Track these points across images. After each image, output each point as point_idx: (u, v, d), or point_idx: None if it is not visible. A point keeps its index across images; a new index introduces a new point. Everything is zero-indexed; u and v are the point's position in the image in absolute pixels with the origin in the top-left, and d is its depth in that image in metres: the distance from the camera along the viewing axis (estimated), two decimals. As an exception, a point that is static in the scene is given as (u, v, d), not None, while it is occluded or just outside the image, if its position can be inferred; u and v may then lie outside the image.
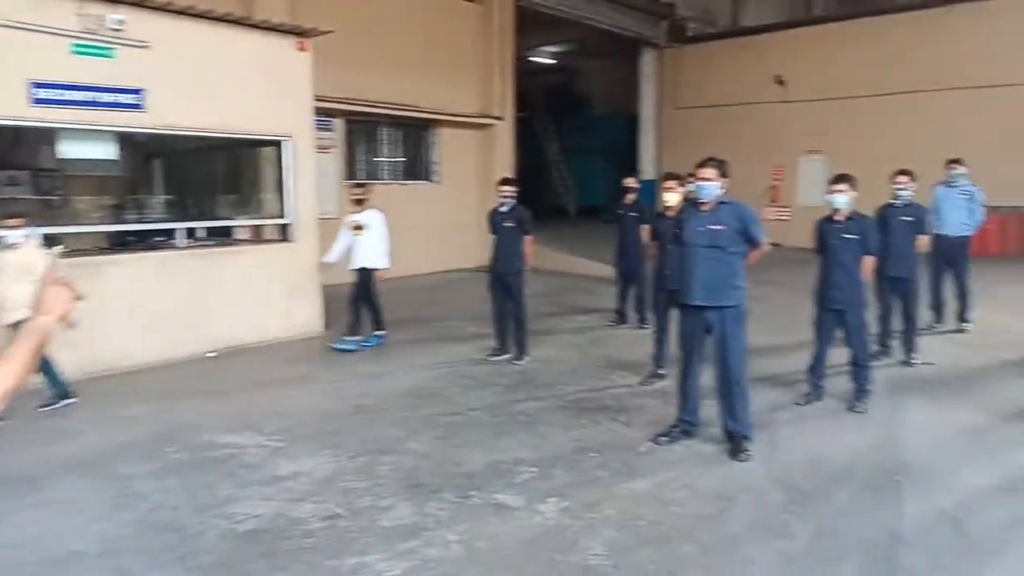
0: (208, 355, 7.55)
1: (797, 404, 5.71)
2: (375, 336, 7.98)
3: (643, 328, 8.22)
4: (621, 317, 8.95)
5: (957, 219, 8.04)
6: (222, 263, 8.02)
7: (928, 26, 15.29)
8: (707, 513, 3.90)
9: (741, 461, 4.57)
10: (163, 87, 7.16)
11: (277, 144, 8.39)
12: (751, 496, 4.10)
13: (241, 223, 9.17)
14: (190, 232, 8.11)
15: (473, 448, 4.92)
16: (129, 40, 6.90)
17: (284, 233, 8.60)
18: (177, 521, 3.93)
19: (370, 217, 7.83)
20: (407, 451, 4.89)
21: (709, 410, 4.97)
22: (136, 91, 7.00)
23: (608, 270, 9.48)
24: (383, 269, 7.91)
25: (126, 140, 7.65)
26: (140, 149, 8.63)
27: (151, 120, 7.14)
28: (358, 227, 7.81)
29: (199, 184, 9.69)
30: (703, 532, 3.69)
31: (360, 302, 7.90)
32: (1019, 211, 14.21)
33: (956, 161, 8.22)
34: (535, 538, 3.68)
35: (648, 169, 18.84)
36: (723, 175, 4.68)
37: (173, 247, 7.70)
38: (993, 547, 3.50)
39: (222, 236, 8.86)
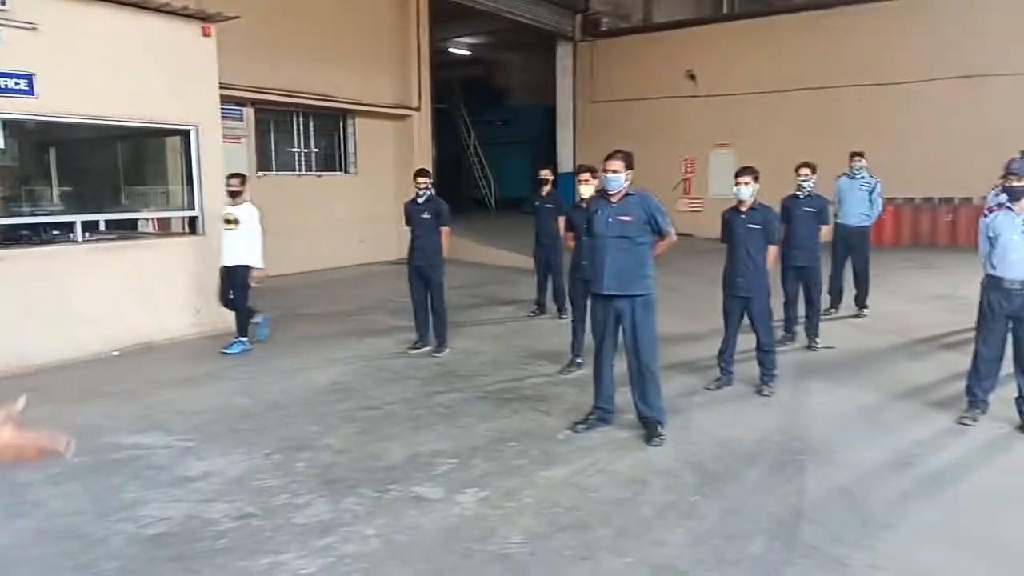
0: (112, 354, 7.22)
1: (708, 389, 5.91)
2: (239, 342, 7.38)
3: (562, 318, 8.33)
4: (540, 307, 9.04)
5: (858, 209, 8.45)
6: (125, 258, 7.66)
7: (828, 25, 15.99)
8: (622, 497, 4.00)
9: (655, 446, 4.69)
10: (55, 72, 6.78)
11: (182, 133, 8.06)
12: (664, 479, 4.22)
13: (145, 216, 8.79)
14: (90, 225, 7.71)
15: (392, 442, 4.88)
16: (15, 22, 6.49)
17: (192, 226, 8.28)
18: (79, 527, 3.75)
19: (244, 211, 7.27)
20: (324, 447, 4.81)
21: (625, 397, 5.08)
22: (24, 76, 6.60)
23: (528, 261, 9.56)
24: (257, 269, 7.31)
25: (15, 127, 7.20)
26: (32, 137, 8.13)
27: (41, 106, 6.75)
28: (230, 221, 7.27)
29: (100, 175, 9.22)
30: (618, 516, 3.78)
31: (228, 301, 7.43)
32: (912, 203, 15.10)
33: (858, 154, 8.64)
34: (454, 529, 3.69)
35: (566, 161, 19.06)
36: (629, 167, 4.79)
37: (72, 241, 7.30)
38: (886, 520, 3.71)
39: (126, 229, 8.46)
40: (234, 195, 7.31)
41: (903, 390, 5.85)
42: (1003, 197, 5.04)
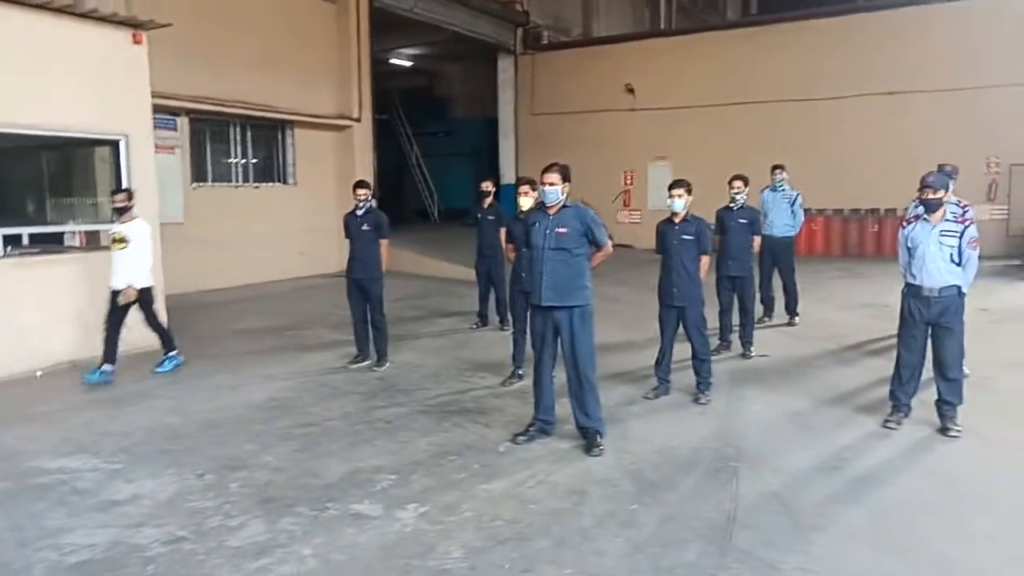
0: (36, 374, 6.92)
1: (646, 398, 6.00)
2: (169, 358, 7.07)
3: (504, 330, 8.35)
4: (483, 319, 9.04)
5: (782, 220, 8.73)
6: (50, 273, 7.36)
7: (762, 42, 16.52)
8: (562, 508, 4.02)
9: (594, 456, 4.74)
10: (-27, 79, 6.51)
11: (111, 143, 7.81)
12: (603, 489, 4.26)
13: (72, 229, 8.46)
14: (13, 239, 7.38)
15: (330, 459, 4.81)
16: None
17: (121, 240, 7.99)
18: (-4, 557, 3.57)
19: (133, 229, 6.74)
20: (260, 466, 4.70)
21: (565, 407, 5.11)
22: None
23: (470, 273, 9.56)
24: (145, 288, 6.79)
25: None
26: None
27: (-42, 115, 6.46)
28: (118, 240, 6.74)
29: (24, 186, 8.84)
30: (557, 527, 3.79)
31: (113, 326, 6.78)
32: (841, 214, 15.66)
33: (779, 167, 8.92)
34: (392, 546, 3.64)
35: (509, 173, 19.15)
36: (566, 179, 4.87)
37: (-9, 255, 6.99)
38: (816, 524, 3.82)
39: (50, 243, 8.12)
40: (121, 212, 6.79)
41: (833, 396, 6.05)
42: (921, 209, 5.28)
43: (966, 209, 6.35)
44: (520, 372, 6.55)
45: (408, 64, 22.14)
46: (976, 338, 7.79)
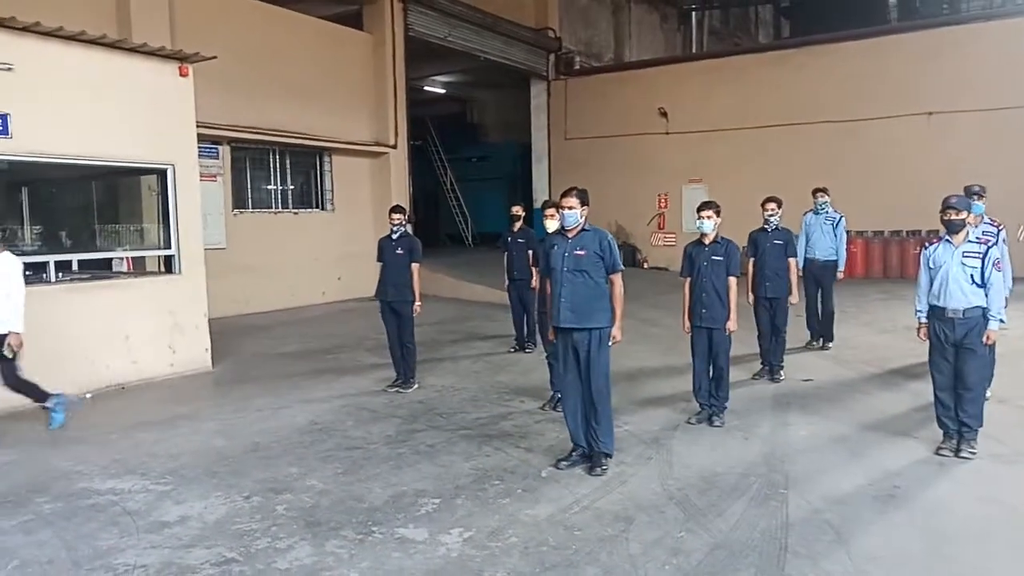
0: (85, 397, 7.07)
1: (689, 423, 5.93)
2: (53, 409, 6.08)
3: (528, 351, 8.43)
4: (520, 343, 9.04)
5: (824, 244, 8.63)
6: (99, 298, 7.55)
7: (794, 64, 16.48)
8: (608, 535, 3.98)
9: (596, 475, 4.78)
10: (30, 112, 6.76)
11: (159, 172, 8.03)
12: (649, 515, 4.21)
13: (120, 255, 8.69)
14: (64, 265, 7.60)
15: (373, 482, 4.82)
16: (-8, 62, 6.48)
17: (168, 265, 8.20)
18: (51, 578, 3.64)
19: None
20: (305, 488, 4.73)
21: (618, 431, 5.06)
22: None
23: (505, 296, 9.58)
24: (15, 334, 5.73)
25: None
26: (4, 176, 8.04)
27: (16, 147, 6.71)
28: None
29: (74, 214, 9.13)
30: (604, 554, 3.75)
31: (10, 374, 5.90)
32: (881, 236, 15.42)
33: (821, 190, 8.84)
34: (439, 570, 3.63)
35: (542, 197, 19.22)
36: (584, 203, 4.93)
37: (45, 282, 7.19)
38: (871, 552, 3.73)
39: (100, 269, 8.35)
40: None
41: (878, 420, 5.93)
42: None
43: (1000, 228, 6.26)
44: (559, 396, 6.52)
45: (442, 91, 22.46)
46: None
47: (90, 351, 7.28)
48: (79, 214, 9.13)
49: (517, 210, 9.16)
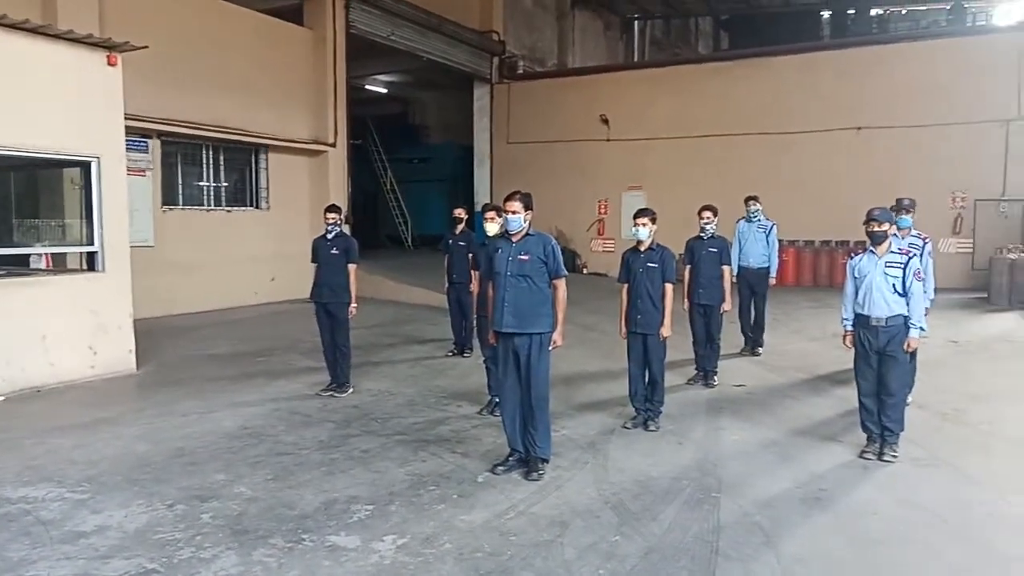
0: (-3, 399, 6.71)
1: (625, 427, 5.97)
2: None
3: (465, 356, 8.40)
4: (459, 347, 8.98)
5: (757, 251, 8.84)
6: (14, 296, 7.17)
7: (733, 76, 16.89)
8: (543, 540, 3.96)
9: (532, 480, 4.78)
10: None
11: (83, 165, 7.68)
12: (585, 520, 4.21)
13: (39, 251, 8.28)
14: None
15: (304, 488, 4.69)
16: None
17: (91, 263, 7.84)
18: (-48, 594, 3.41)
19: None
20: (233, 496, 4.57)
21: (555, 435, 5.06)
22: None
23: (444, 299, 9.51)
24: None
25: None
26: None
27: (-73, 134, 6.31)
28: None
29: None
30: (539, 560, 3.73)
31: None
32: (812, 245, 15.92)
33: (753, 198, 9.04)
34: (371, 579, 3.55)
35: (483, 200, 19.21)
36: (528, 208, 4.91)
37: (-47, 278, 6.79)
38: (800, 554, 3.81)
39: (17, 266, 7.93)
40: None
41: (808, 425, 6.10)
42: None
43: (926, 241, 6.51)
44: (497, 400, 6.49)
45: (384, 91, 22.22)
46: (945, 369, 7.97)
47: (3, 352, 6.90)
48: (-4, 207, 8.68)
49: (459, 212, 9.10)
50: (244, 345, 9.65)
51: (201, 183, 13.13)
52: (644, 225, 5.96)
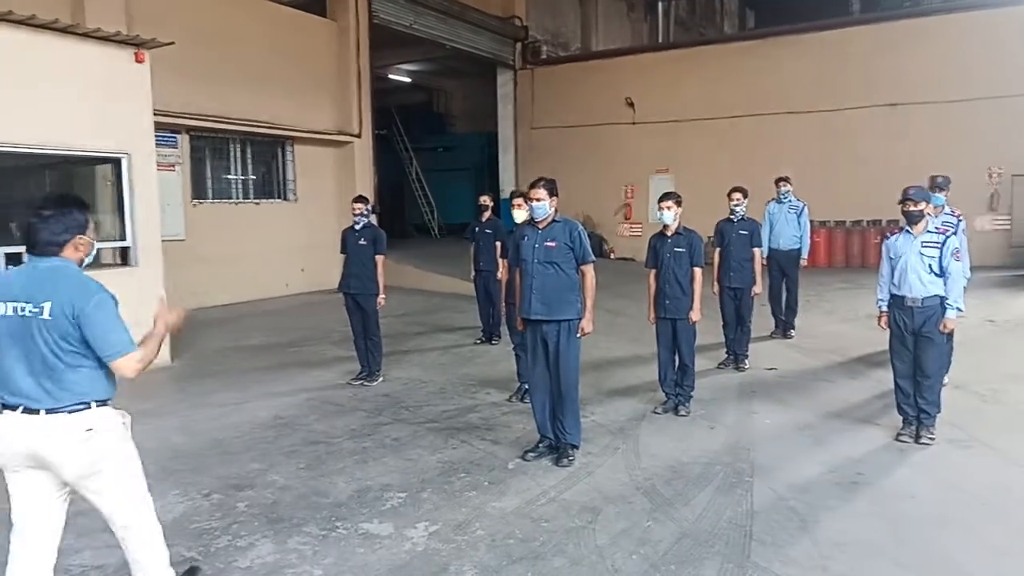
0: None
1: (655, 413, 5.94)
2: None
3: (493, 343, 8.42)
4: (487, 334, 8.99)
5: (788, 232, 8.70)
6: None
7: (760, 55, 16.58)
8: (575, 526, 3.96)
9: (563, 467, 4.77)
10: (-24, 99, 6.49)
11: (113, 161, 7.79)
12: (617, 506, 4.20)
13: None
14: (14, 258, 7.33)
15: (338, 477, 4.75)
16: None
17: (123, 257, 7.97)
18: (1, 582, 3.50)
19: None
20: (267, 484, 4.64)
21: (584, 421, 5.04)
22: (-57, 102, 6.30)
23: (472, 287, 9.52)
24: None
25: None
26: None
27: (-38, 135, 6.44)
28: None
29: (25, 205, 8.81)
30: (572, 545, 3.74)
31: None
32: (844, 226, 15.65)
33: (784, 179, 8.90)
34: (404, 565, 3.58)
35: (509, 187, 19.15)
36: (553, 194, 4.87)
37: (-8, 275, 6.94)
38: (835, 539, 3.76)
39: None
40: None
41: (842, 408, 6.01)
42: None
43: (960, 219, 6.35)
44: (527, 387, 6.49)
45: (407, 80, 22.23)
46: (982, 350, 7.81)
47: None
48: (30, 204, 8.82)
49: (485, 200, 9.09)
50: (276, 336, 9.77)
51: (230, 176, 13.28)
52: (669, 208, 5.89)
